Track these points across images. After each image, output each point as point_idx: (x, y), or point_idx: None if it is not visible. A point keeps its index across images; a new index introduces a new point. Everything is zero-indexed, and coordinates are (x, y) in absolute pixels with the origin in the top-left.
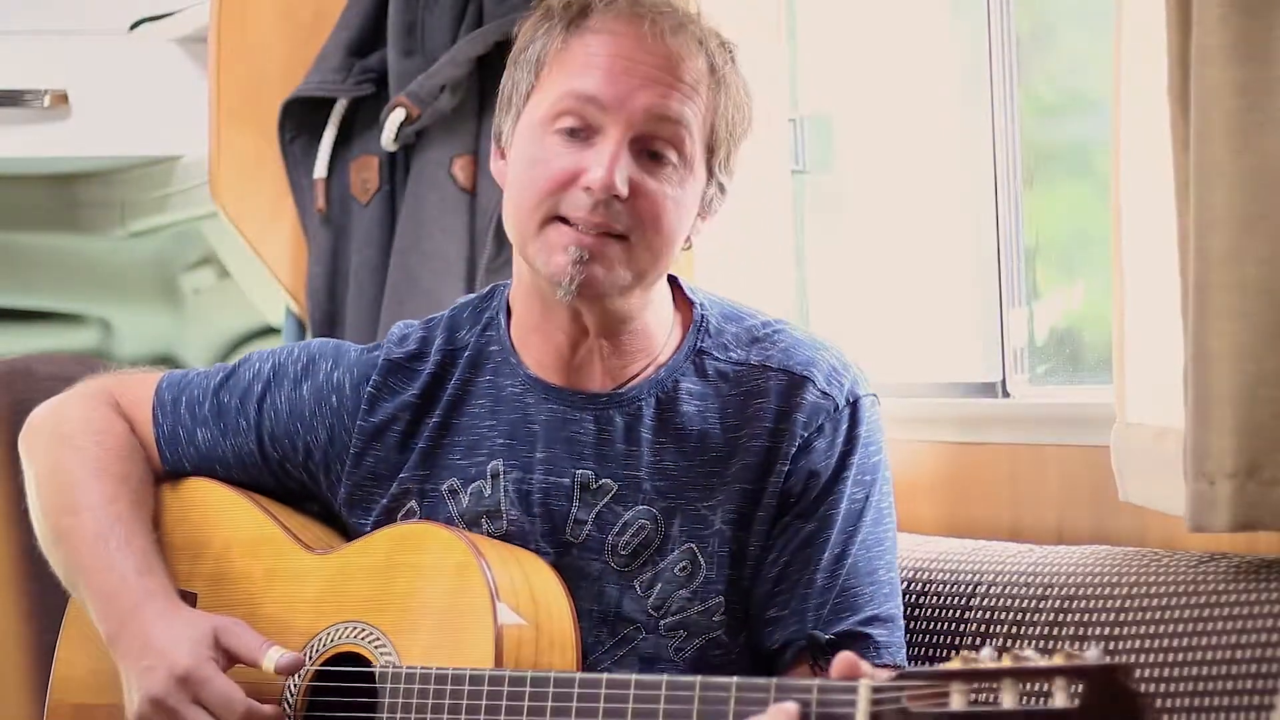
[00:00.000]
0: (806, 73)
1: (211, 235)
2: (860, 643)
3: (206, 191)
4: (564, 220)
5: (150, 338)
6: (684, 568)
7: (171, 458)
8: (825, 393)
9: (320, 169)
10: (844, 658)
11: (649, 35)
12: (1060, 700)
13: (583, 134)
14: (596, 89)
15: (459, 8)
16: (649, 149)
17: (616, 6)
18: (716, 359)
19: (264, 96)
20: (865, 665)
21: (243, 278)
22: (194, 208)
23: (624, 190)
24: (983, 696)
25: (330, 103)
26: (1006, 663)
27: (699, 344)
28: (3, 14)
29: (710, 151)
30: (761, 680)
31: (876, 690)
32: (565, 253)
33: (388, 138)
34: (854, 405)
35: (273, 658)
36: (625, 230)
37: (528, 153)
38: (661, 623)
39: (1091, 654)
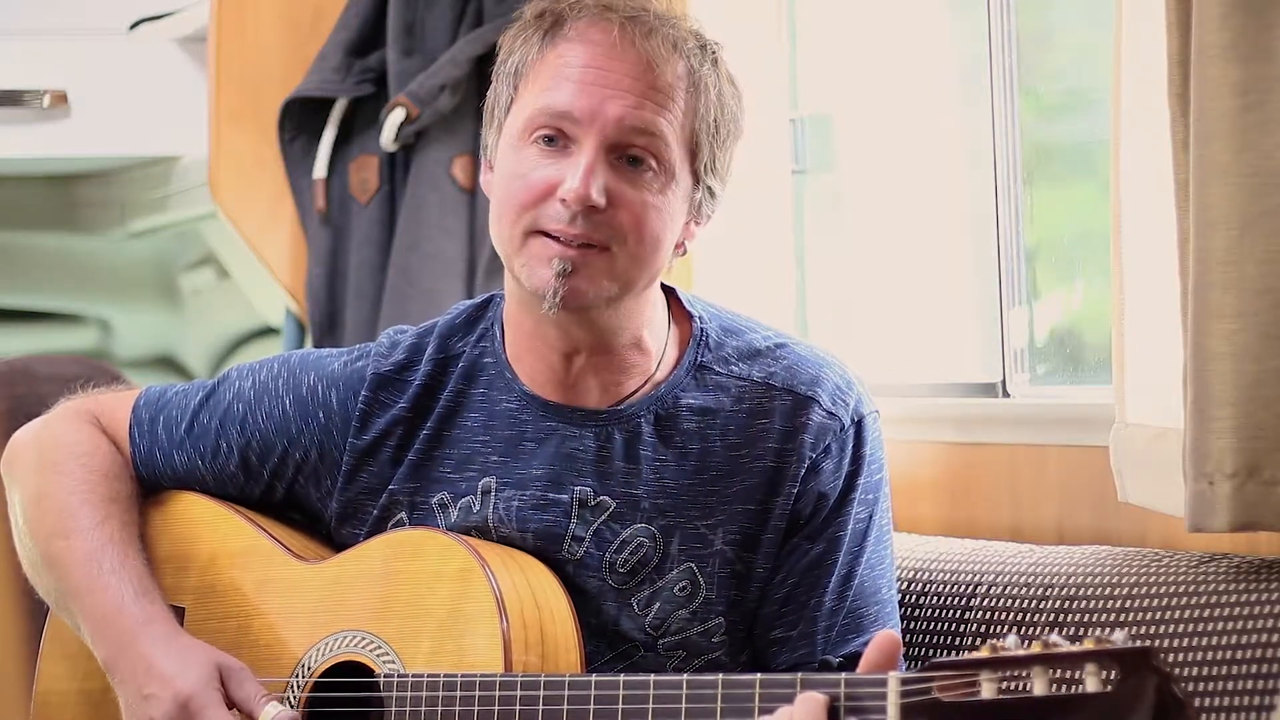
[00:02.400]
0: (806, 73)
1: (211, 235)
2: None
3: (206, 191)
4: (546, 234)
5: (150, 338)
6: (684, 588)
7: (149, 478)
8: (831, 413)
9: (320, 169)
10: (886, 634)
11: (620, 42)
12: (1092, 685)
13: (559, 144)
14: (568, 103)
15: (459, 8)
16: (627, 155)
17: (589, 14)
18: (718, 373)
19: (264, 96)
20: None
21: (242, 278)
22: (194, 208)
23: (600, 201)
24: (1013, 685)
25: (330, 103)
26: (1036, 650)
27: (699, 358)
28: (3, 14)
29: (692, 156)
30: (786, 676)
31: (906, 682)
32: (549, 265)
33: (387, 138)
34: (859, 424)
35: (269, 713)
36: (606, 241)
37: (508, 166)
38: (660, 642)
39: (1119, 637)
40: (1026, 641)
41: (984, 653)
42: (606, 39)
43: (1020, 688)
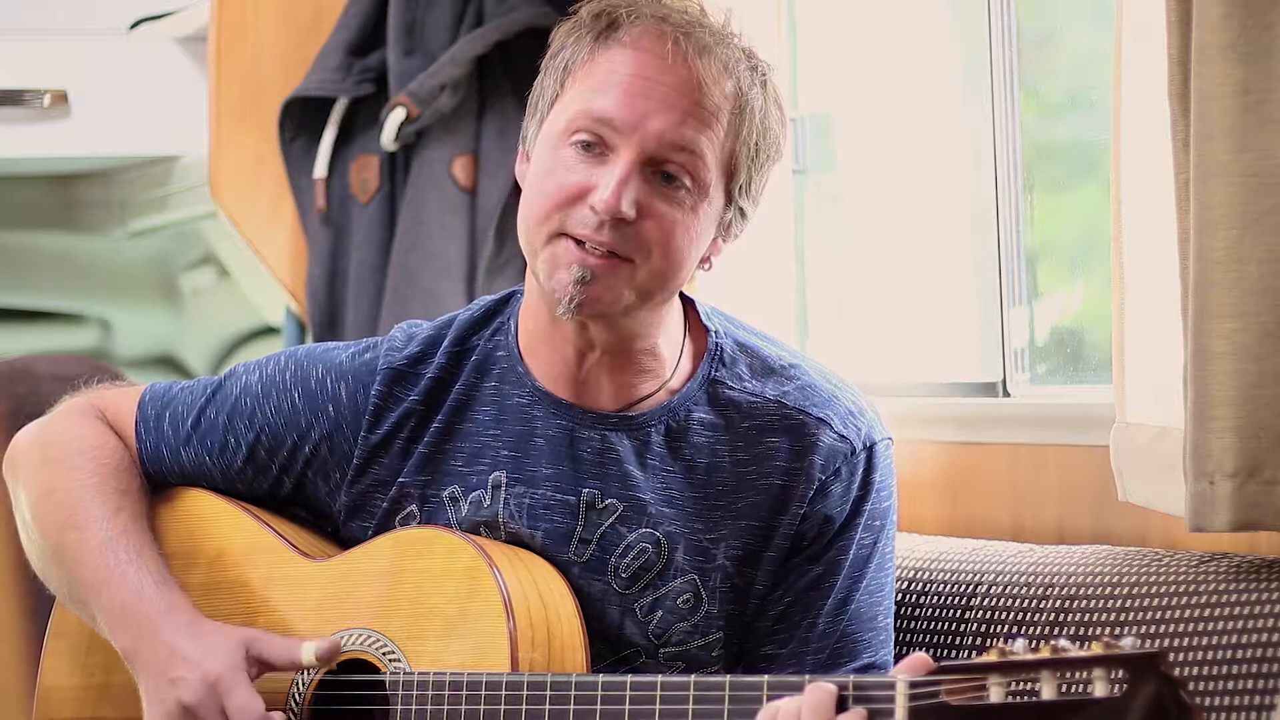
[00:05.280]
0: (807, 71)
1: (211, 235)
2: None
3: (206, 191)
4: (571, 237)
5: (150, 338)
6: (687, 600)
7: (155, 474)
8: (842, 436)
9: (320, 169)
10: (919, 658)
11: (672, 55)
12: (1101, 689)
13: (597, 148)
14: (612, 111)
15: (459, 7)
16: (663, 170)
17: (645, 21)
18: (730, 389)
19: (264, 96)
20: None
21: (242, 278)
22: (194, 208)
23: (630, 214)
24: (1021, 688)
25: (330, 102)
26: (1045, 654)
27: (713, 373)
28: (3, 14)
29: (729, 176)
30: (793, 678)
31: (914, 685)
32: (569, 271)
33: (388, 137)
34: (870, 450)
35: (309, 650)
36: (630, 253)
37: (543, 163)
38: (661, 651)
39: (1128, 642)
40: (1035, 645)
41: (992, 657)
42: (659, 50)
43: (1029, 692)
